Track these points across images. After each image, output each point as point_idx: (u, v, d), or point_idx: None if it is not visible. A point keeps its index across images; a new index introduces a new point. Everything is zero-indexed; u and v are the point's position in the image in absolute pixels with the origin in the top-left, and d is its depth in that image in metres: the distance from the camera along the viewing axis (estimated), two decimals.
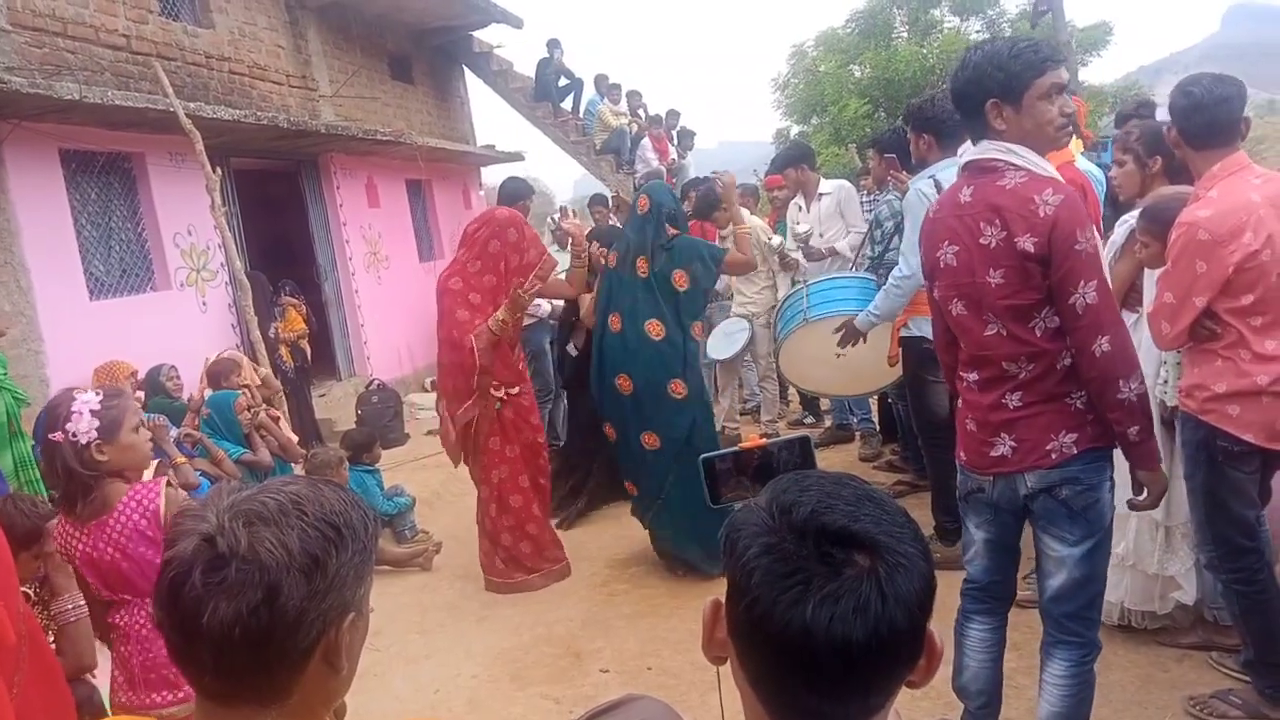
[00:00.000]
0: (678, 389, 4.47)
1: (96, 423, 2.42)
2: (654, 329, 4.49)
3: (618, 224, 8.54)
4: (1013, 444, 2.40)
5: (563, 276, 5.22)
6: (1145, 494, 2.46)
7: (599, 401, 4.76)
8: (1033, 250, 2.22)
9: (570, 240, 5.22)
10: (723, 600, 0.94)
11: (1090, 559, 2.41)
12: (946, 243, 2.42)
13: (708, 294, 4.85)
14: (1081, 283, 2.21)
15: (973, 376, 2.49)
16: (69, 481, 2.45)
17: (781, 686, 0.88)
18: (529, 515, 4.76)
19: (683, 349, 4.53)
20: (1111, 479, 2.40)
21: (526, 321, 5.86)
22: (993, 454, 2.44)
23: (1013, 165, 2.30)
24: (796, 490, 0.92)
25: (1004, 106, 2.29)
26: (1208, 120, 2.82)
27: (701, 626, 0.98)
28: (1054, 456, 2.35)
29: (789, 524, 0.88)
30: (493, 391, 4.68)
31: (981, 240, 2.31)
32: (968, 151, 2.47)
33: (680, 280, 4.51)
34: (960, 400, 2.59)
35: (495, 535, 4.77)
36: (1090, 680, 2.50)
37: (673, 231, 4.58)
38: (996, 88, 2.29)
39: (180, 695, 2.46)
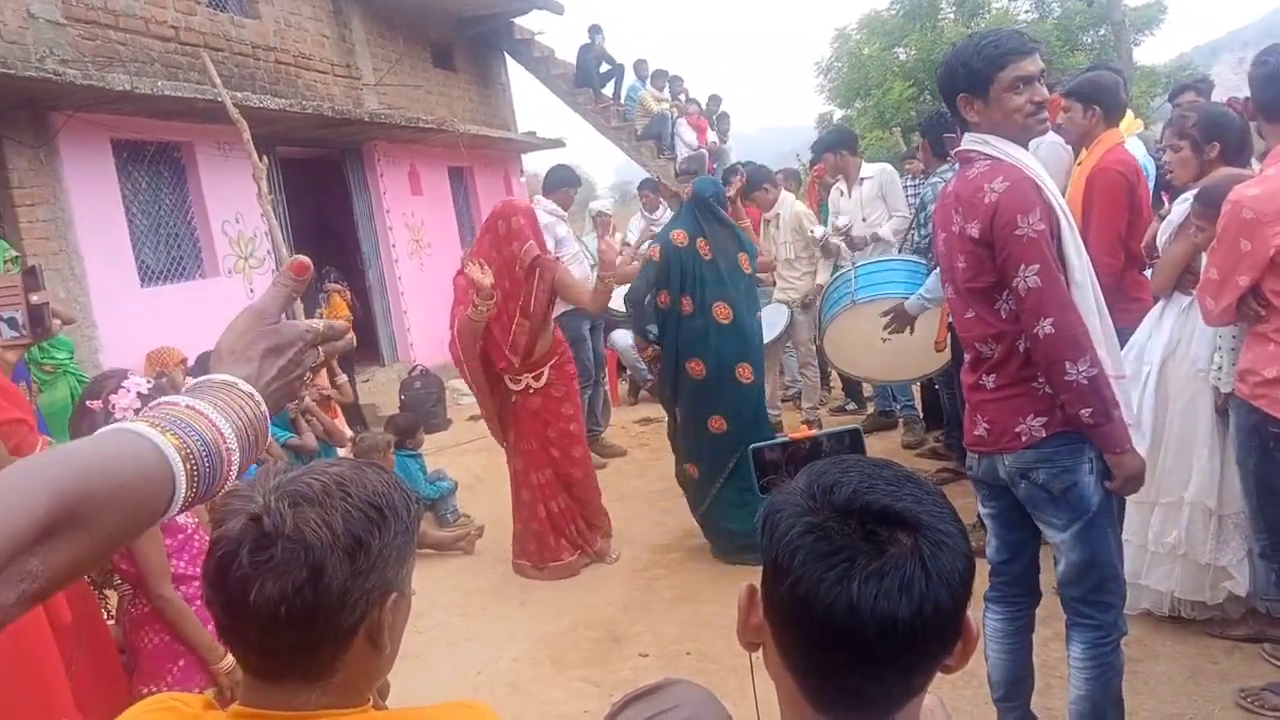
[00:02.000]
0: (744, 373, 4.51)
1: (139, 404, 2.48)
2: (721, 312, 4.52)
3: (666, 209, 8.55)
4: (986, 425, 2.49)
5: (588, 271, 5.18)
6: (1115, 478, 2.40)
7: (670, 384, 4.73)
8: (977, 235, 2.33)
9: (600, 260, 5.12)
10: (758, 585, 0.94)
11: (1085, 542, 2.42)
12: (940, 230, 2.57)
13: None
14: (1022, 266, 2.28)
15: (966, 357, 2.60)
16: None
17: (823, 667, 0.88)
18: (533, 514, 4.74)
19: (749, 333, 4.59)
20: (1091, 461, 2.39)
21: (562, 309, 5.85)
22: (975, 432, 2.55)
23: (983, 155, 2.39)
24: (837, 471, 0.92)
25: (974, 100, 2.39)
26: (1278, 93, 2.76)
27: (737, 612, 0.98)
28: (1023, 439, 2.40)
29: (831, 504, 0.88)
30: (509, 384, 4.70)
31: (953, 228, 2.43)
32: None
33: (745, 263, 4.60)
34: None
35: (514, 518, 4.90)
36: (1113, 663, 2.48)
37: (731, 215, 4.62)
38: (963, 83, 2.39)
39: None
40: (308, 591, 0.99)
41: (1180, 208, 3.25)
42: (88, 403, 2.51)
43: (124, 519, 0.76)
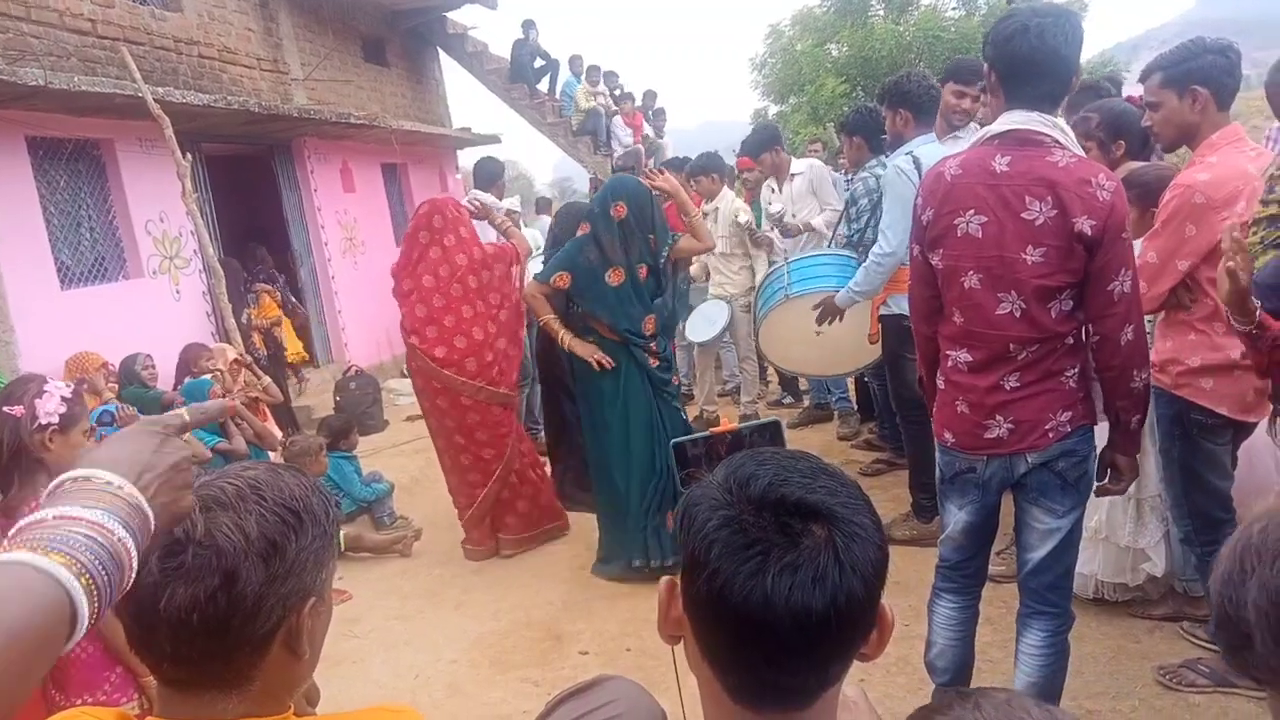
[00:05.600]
0: None
1: (64, 409, 2.40)
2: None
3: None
4: (1009, 426, 2.38)
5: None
6: (1119, 480, 2.50)
7: None
8: (1089, 233, 2.17)
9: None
10: (677, 579, 0.95)
11: (1075, 528, 2.47)
12: (972, 211, 2.30)
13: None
14: (1122, 270, 2.22)
15: (964, 356, 2.42)
16: (10, 459, 2.37)
17: (740, 659, 0.89)
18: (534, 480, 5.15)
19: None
20: (1095, 450, 2.44)
21: None
22: (987, 436, 2.41)
23: (1059, 143, 2.26)
24: (753, 464, 0.92)
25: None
26: (1239, 81, 2.80)
27: (658, 606, 0.98)
28: (1051, 436, 2.37)
29: (747, 496, 0.88)
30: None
31: (1024, 215, 2.22)
32: (1003, 119, 2.32)
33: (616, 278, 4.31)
34: (944, 380, 2.51)
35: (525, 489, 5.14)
36: (1065, 650, 2.54)
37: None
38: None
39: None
40: (220, 598, 0.96)
41: None
42: (5, 409, 2.41)
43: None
